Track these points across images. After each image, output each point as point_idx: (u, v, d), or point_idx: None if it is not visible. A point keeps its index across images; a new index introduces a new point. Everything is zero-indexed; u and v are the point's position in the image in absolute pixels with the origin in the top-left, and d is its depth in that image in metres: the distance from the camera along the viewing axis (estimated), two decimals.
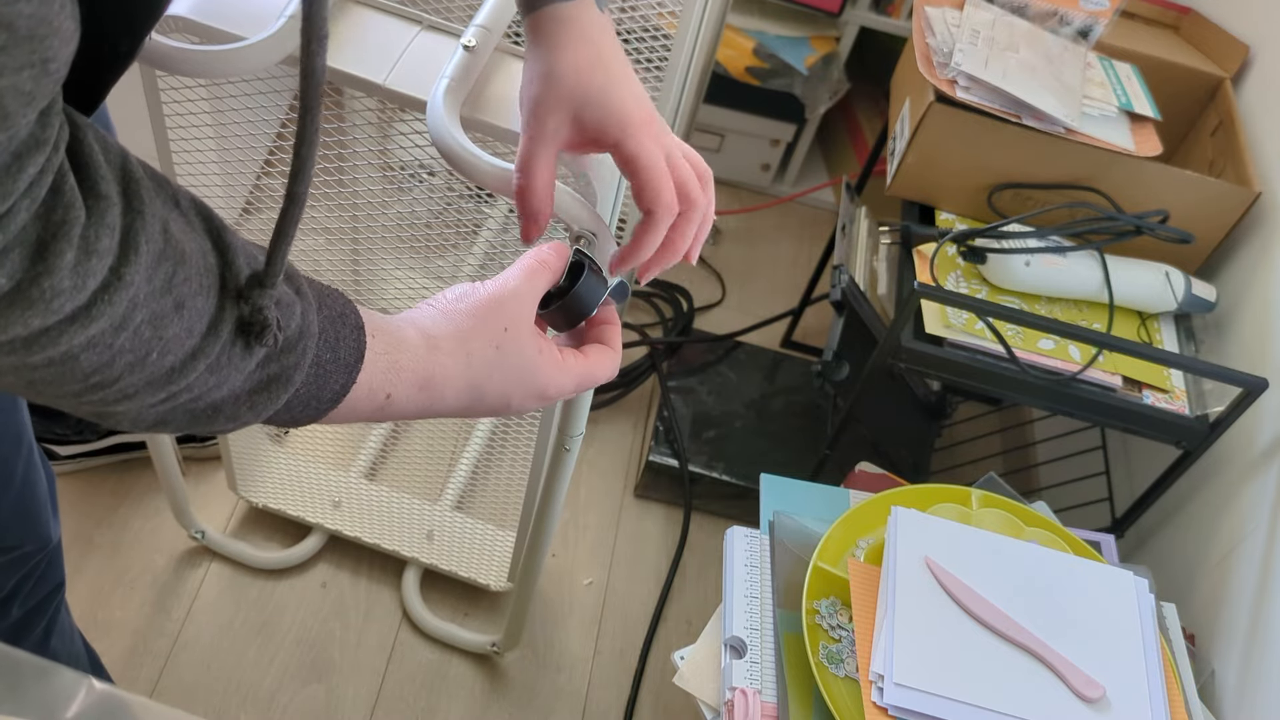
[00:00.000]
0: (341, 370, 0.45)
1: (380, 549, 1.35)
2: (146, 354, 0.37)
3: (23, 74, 0.31)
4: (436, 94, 0.63)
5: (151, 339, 0.37)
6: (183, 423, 0.42)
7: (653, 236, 0.57)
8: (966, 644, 0.83)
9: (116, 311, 0.35)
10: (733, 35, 1.84)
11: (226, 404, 0.42)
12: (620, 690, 1.33)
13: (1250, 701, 0.95)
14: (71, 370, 0.36)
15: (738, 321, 1.76)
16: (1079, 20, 1.26)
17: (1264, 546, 1.01)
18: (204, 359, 0.39)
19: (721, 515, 1.54)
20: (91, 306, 0.35)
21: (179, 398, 0.40)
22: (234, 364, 0.41)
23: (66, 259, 0.34)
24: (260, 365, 0.42)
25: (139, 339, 0.37)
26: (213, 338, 0.39)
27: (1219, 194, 1.12)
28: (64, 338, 0.35)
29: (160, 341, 0.38)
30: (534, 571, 1.08)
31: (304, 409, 0.45)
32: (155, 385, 0.39)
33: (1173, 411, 1.05)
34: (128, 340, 0.36)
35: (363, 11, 0.75)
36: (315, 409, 0.46)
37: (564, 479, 0.90)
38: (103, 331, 0.35)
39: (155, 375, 0.38)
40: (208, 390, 0.41)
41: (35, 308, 0.33)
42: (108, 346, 0.36)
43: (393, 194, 1.14)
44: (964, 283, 1.13)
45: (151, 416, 0.41)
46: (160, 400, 0.40)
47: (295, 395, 0.44)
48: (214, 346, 0.40)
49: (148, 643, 1.26)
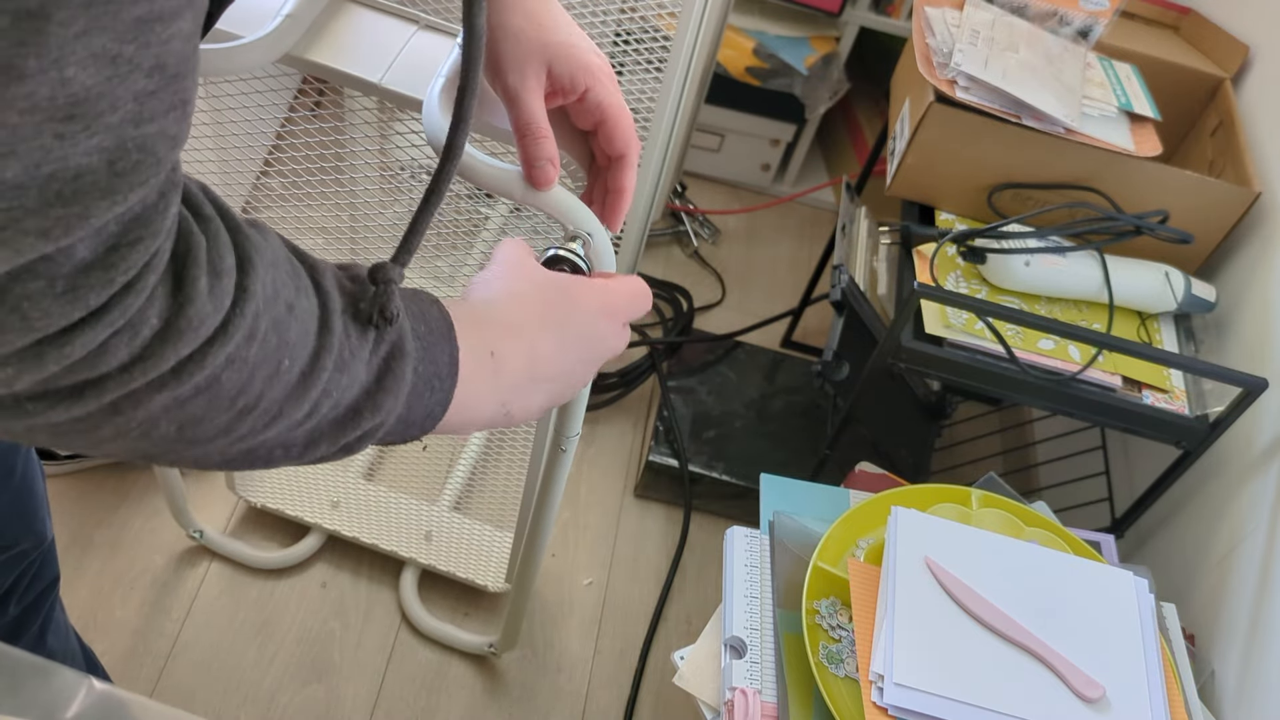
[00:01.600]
0: (440, 339, 0.45)
1: (378, 549, 1.35)
2: (278, 361, 0.38)
3: (169, 116, 0.31)
4: (432, 93, 0.63)
5: (279, 345, 0.37)
6: (333, 437, 0.42)
7: (631, 175, 0.61)
8: (966, 644, 0.83)
9: (246, 323, 0.36)
10: (733, 35, 1.84)
11: (363, 403, 0.42)
12: (620, 690, 1.33)
13: (1250, 701, 0.95)
14: (218, 395, 0.36)
15: (738, 321, 1.76)
16: (1079, 20, 1.26)
17: (1264, 546, 1.01)
18: (328, 356, 0.39)
19: (721, 515, 1.54)
20: (227, 324, 0.35)
21: (320, 408, 0.40)
22: (356, 355, 0.41)
23: (201, 285, 0.34)
24: (374, 349, 0.42)
25: (267, 347, 0.37)
26: (327, 333, 0.40)
27: (1219, 194, 1.12)
28: (207, 359, 0.35)
29: (286, 347, 0.38)
30: (531, 573, 1.08)
31: (431, 393, 0.45)
32: (295, 397, 0.39)
33: (1173, 411, 1.05)
34: (258, 350, 0.37)
35: (360, 11, 0.75)
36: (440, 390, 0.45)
37: (560, 480, 0.90)
38: (238, 345, 0.36)
39: (291, 384, 0.38)
40: (342, 391, 0.41)
41: (185, 338, 0.34)
42: (244, 361, 0.36)
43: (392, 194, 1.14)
44: (964, 283, 1.13)
45: (303, 438, 0.41)
46: (305, 415, 0.40)
47: (416, 376, 0.44)
48: (331, 340, 0.40)
49: (147, 643, 1.25)
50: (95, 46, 0.27)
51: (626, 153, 0.60)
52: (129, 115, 0.29)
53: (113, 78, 0.28)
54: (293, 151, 0.96)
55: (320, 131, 0.96)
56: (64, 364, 0.31)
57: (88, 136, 0.29)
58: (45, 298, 0.30)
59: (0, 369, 0.31)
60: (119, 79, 0.29)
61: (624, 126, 0.59)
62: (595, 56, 0.59)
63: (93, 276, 0.30)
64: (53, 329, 0.30)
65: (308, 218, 1.06)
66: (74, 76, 0.27)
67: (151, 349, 0.33)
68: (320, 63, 0.72)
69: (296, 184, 0.99)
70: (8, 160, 0.27)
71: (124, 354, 0.32)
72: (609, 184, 0.61)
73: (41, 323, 0.30)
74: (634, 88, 1.17)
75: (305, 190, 1.00)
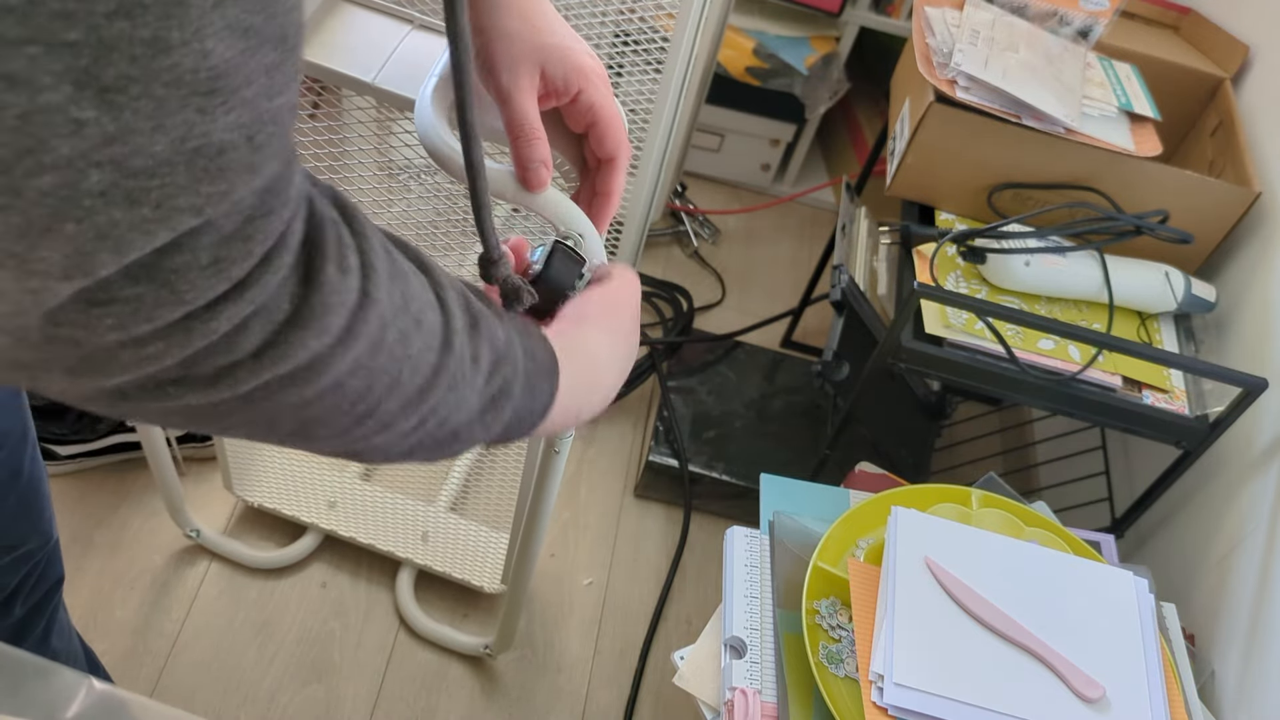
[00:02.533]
0: (544, 379, 0.48)
1: (375, 549, 1.35)
2: (400, 373, 0.38)
3: (291, 87, 0.32)
4: (425, 93, 0.62)
5: (403, 357, 0.38)
6: (428, 451, 0.43)
7: (620, 178, 0.61)
8: (966, 644, 0.83)
9: (372, 330, 0.36)
10: (733, 35, 1.84)
11: (464, 429, 0.43)
12: (620, 690, 1.33)
13: (1250, 701, 0.95)
14: (341, 400, 0.37)
15: (738, 321, 1.76)
16: (1079, 20, 1.26)
17: (1264, 546, 1.01)
18: (445, 375, 0.40)
19: (721, 515, 1.54)
20: (353, 326, 0.36)
21: (427, 422, 0.41)
22: (470, 379, 0.42)
23: (330, 274, 0.35)
24: (488, 380, 0.43)
25: (393, 358, 0.38)
26: (448, 352, 0.40)
27: (1219, 194, 1.12)
28: (334, 361, 0.35)
29: (409, 360, 0.38)
30: (526, 574, 1.08)
31: (521, 424, 0.47)
32: (408, 409, 0.40)
33: (1173, 411, 1.05)
34: (384, 360, 0.37)
35: (354, 10, 0.75)
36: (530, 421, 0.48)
37: (554, 481, 0.90)
38: (363, 353, 0.36)
39: (408, 397, 0.39)
40: (450, 413, 0.42)
41: (311, 328, 0.34)
42: (368, 370, 0.37)
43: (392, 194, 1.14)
44: (964, 283, 1.13)
45: (403, 447, 0.42)
46: (413, 428, 0.41)
47: (514, 414, 0.46)
48: (451, 360, 0.41)
49: (147, 643, 1.25)
50: (230, 18, 0.28)
51: (616, 156, 0.60)
52: (262, 89, 0.30)
53: (245, 50, 0.29)
54: None
55: (317, 132, 0.96)
56: (209, 339, 0.32)
57: (226, 111, 0.29)
58: (192, 270, 0.30)
59: (150, 343, 0.31)
60: (250, 51, 0.29)
61: (614, 129, 0.59)
62: (589, 59, 0.59)
63: (234, 247, 0.31)
64: (200, 302, 0.31)
65: None
66: (213, 49, 0.28)
67: (283, 334, 0.34)
68: (314, 62, 0.72)
69: None
70: (155, 135, 0.28)
71: (259, 337, 0.33)
72: (597, 186, 0.61)
73: (190, 295, 0.31)
74: (633, 88, 1.17)
75: None
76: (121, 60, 0.26)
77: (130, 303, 0.30)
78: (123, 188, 0.28)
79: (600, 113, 0.59)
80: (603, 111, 0.59)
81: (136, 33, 0.26)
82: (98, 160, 0.27)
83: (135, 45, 0.26)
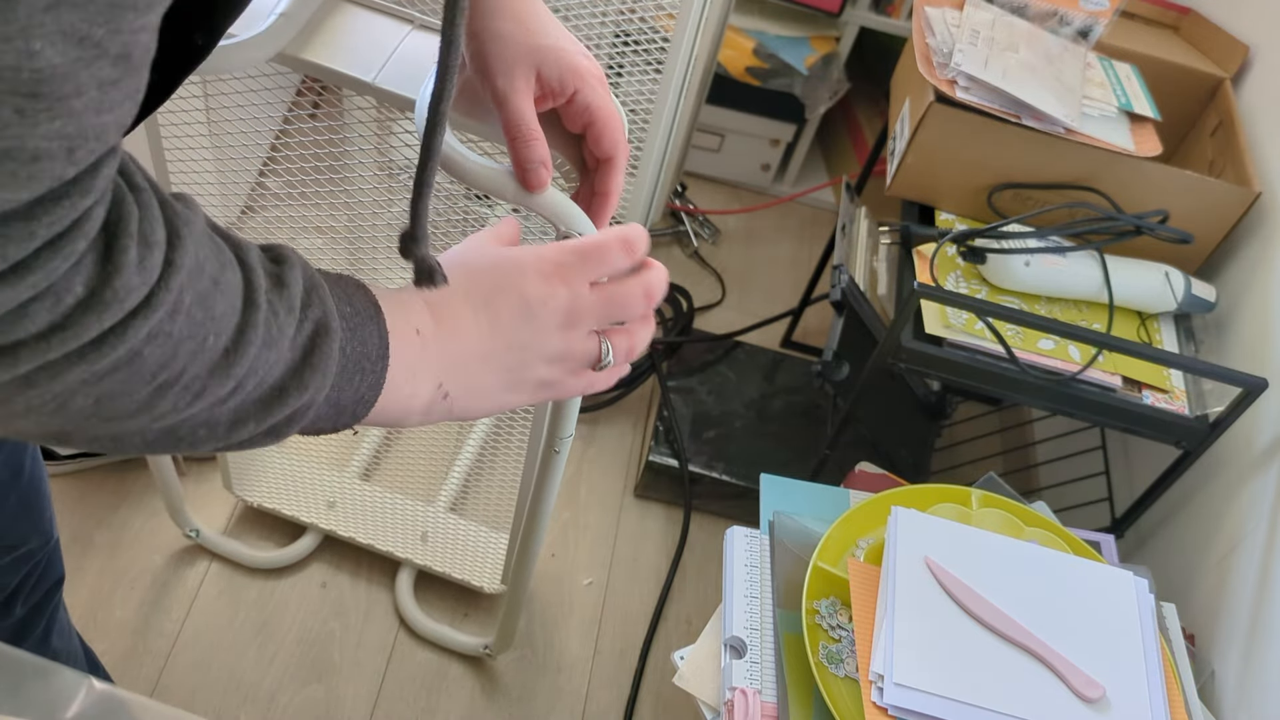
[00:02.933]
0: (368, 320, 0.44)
1: (375, 549, 1.35)
2: (204, 337, 0.37)
3: (125, 105, 0.31)
4: (424, 93, 0.63)
5: (204, 319, 0.37)
6: (259, 416, 0.41)
7: (618, 178, 0.60)
8: (966, 644, 0.83)
9: (170, 297, 0.35)
10: (733, 35, 1.84)
11: (289, 381, 0.41)
12: (620, 690, 1.33)
13: (1250, 701, 0.95)
14: (138, 371, 0.35)
15: (738, 321, 1.76)
16: (1079, 20, 1.26)
17: (1264, 546, 1.01)
18: (254, 332, 0.38)
19: (721, 515, 1.54)
20: (151, 296, 0.34)
21: (245, 385, 0.39)
22: (282, 331, 0.40)
23: (131, 255, 0.33)
24: (299, 326, 0.41)
25: (193, 322, 0.36)
26: (252, 309, 0.39)
27: (1219, 194, 1.12)
28: (129, 332, 0.34)
29: (212, 321, 0.37)
30: (525, 574, 1.08)
31: (362, 375, 0.44)
32: (219, 373, 0.38)
33: (1173, 411, 1.05)
34: (183, 325, 0.36)
35: (354, 10, 0.75)
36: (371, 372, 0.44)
37: (554, 482, 0.90)
38: (161, 320, 0.35)
39: (215, 360, 0.37)
40: (268, 368, 0.40)
41: (110, 310, 0.33)
42: (167, 335, 0.35)
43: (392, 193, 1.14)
44: (964, 283, 1.12)
45: (227, 417, 0.40)
46: (229, 393, 0.39)
47: (344, 356, 0.43)
48: (256, 316, 0.39)
49: (147, 642, 1.25)
50: (65, 23, 0.27)
51: (614, 156, 0.60)
52: (92, 102, 0.29)
53: (79, 60, 0.28)
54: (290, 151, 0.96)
55: (318, 132, 0.96)
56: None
57: (49, 119, 0.28)
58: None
59: None
60: (85, 62, 0.28)
61: (612, 129, 0.59)
62: (584, 59, 0.59)
63: (12, 227, 0.29)
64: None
65: (306, 218, 1.06)
66: (40, 50, 0.27)
67: (73, 318, 0.32)
68: (314, 61, 0.72)
69: (295, 184, 0.99)
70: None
71: (43, 320, 0.31)
72: (596, 187, 0.61)
73: None
74: (633, 88, 1.17)
75: (304, 191, 1.00)
76: None
77: None
78: None
79: (596, 113, 0.59)
80: (599, 112, 0.59)
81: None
82: None
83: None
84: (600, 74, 0.59)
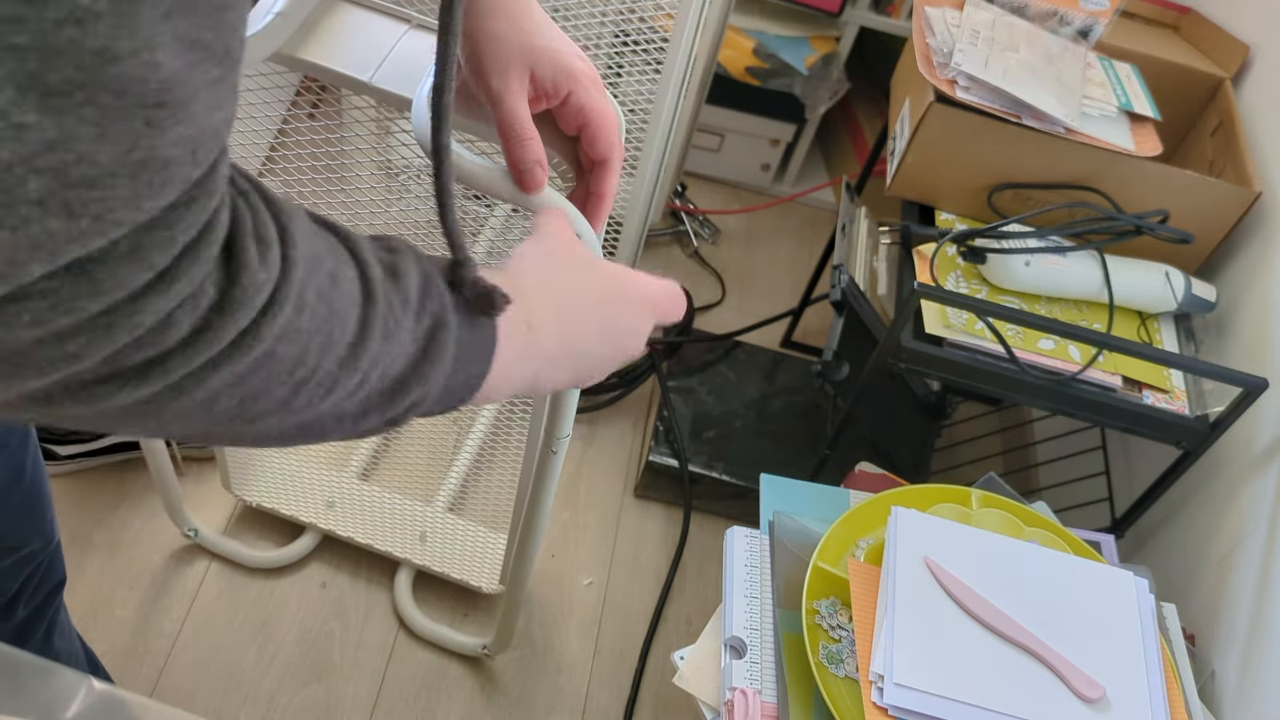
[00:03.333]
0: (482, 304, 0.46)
1: (373, 549, 1.35)
2: (330, 331, 0.37)
3: (230, 102, 0.32)
4: (421, 92, 0.63)
5: (328, 314, 0.37)
6: (383, 408, 0.42)
7: (613, 180, 0.61)
8: (966, 644, 0.83)
9: (293, 293, 0.35)
10: (733, 35, 1.84)
11: (409, 373, 0.42)
12: (620, 690, 1.33)
13: (1250, 701, 0.95)
14: (275, 368, 0.36)
15: (738, 321, 1.76)
16: (1079, 20, 1.26)
17: (1264, 546, 1.01)
18: (375, 324, 0.39)
19: (721, 515, 1.54)
20: (276, 292, 0.35)
21: (370, 377, 0.40)
22: (401, 324, 0.41)
23: (252, 254, 0.34)
24: (417, 319, 0.42)
25: (318, 317, 0.37)
26: (371, 302, 0.40)
27: (1219, 194, 1.12)
28: (262, 330, 0.34)
29: (335, 316, 0.38)
30: (523, 575, 1.08)
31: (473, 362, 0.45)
32: (347, 366, 0.39)
33: (1173, 411, 1.05)
34: (309, 320, 0.36)
35: (351, 10, 0.75)
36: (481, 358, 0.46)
37: (551, 482, 0.90)
38: (289, 316, 0.35)
39: (343, 354, 0.38)
40: (390, 361, 0.41)
41: (243, 309, 0.34)
42: (297, 331, 0.36)
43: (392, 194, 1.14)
44: (964, 283, 1.12)
45: (355, 408, 0.41)
46: (357, 385, 0.40)
47: (459, 345, 0.44)
48: (376, 309, 0.40)
49: (147, 643, 1.25)
50: (179, 30, 0.28)
51: (609, 157, 0.60)
52: (206, 103, 0.30)
53: (192, 64, 0.29)
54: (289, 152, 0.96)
55: (316, 132, 0.96)
56: (134, 334, 0.31)
57: (174, 124, 0.29)
58: (109, 258, 0.30)
59: (72, 339, 0.30)
60: (196, 65, 0.29)
61: (606, 131, 0.59)
62: (579, 61, 0.59)
63: (155, 235, 0.30)
64: (121, 294, 0.30)
65: None
66: (163, 61, 0.28)
67: (210, 321, 0.33)
68: (311, 61, 0.72)
69: (294, 185, 0.99)
70: (100, 144, 0.27)
71: (186, 327, 0.32)
72: (590, 188, 0.61)
73: (109, 284, 0.30)
74: (633, 88, 1.17)
75: (303, 191, 1.00)
76: (68, 67, 0.26)
77: (47, 296, 0.29)
78: (61, 197, 0.27)
79: (590, 115, 0.59)
80: (593, 114, 0.59)
81: (86, 41, 0.26)
82: (38, 167, 0.26)
83: (84, 53, 0.26)
84: (595, 75, 0.60)
